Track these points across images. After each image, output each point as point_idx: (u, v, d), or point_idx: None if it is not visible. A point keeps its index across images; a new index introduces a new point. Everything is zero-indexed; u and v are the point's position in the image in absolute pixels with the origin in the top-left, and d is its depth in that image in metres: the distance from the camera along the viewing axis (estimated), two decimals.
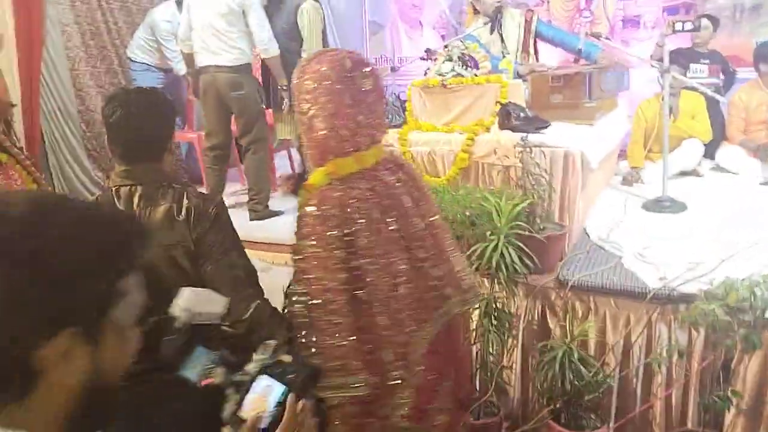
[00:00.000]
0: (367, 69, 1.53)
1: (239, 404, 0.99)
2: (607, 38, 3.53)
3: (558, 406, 2.34)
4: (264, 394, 0.99)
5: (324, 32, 3.93)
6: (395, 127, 3.14)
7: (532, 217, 2.58)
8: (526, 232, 2.46)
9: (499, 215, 2.48)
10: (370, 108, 1.51)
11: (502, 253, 2.41)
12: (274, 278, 2.83)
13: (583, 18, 5.26)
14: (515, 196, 2.55)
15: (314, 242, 1.47)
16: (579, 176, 2.69)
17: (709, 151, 3.88)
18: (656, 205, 3.15)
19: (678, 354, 2.19)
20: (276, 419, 0.96)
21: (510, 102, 2.80)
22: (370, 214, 1.49)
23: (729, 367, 2.19)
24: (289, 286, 1.57)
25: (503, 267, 2.42)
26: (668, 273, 2.39)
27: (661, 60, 3.50)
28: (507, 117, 2.76)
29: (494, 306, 2.44)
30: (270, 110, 4.06)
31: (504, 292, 2.48)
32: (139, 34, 4.75)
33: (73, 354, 0.66)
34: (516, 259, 2.41)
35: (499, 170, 2.76)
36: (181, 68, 4.44)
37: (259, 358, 1.06)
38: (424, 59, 3.24)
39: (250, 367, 1.04)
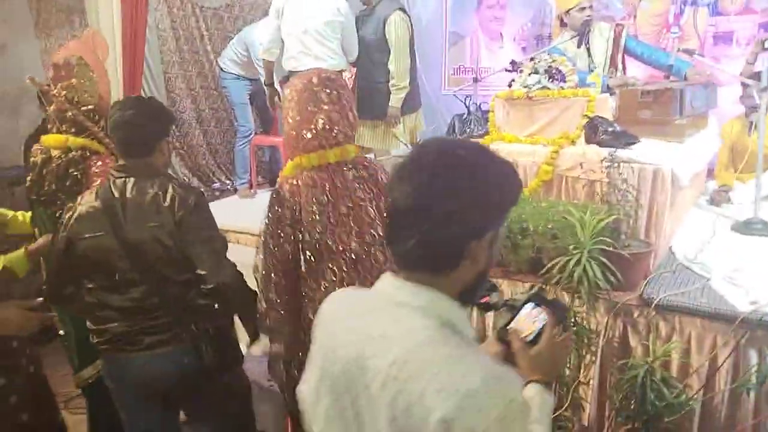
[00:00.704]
0: (330, 84, 1.89)
1: (509, 321, 1.30)
2: (699, 54, 3.44)
3: (636, 425, 2.30)
4: (529, 316, 1.30)
5: (411, 43, 4.02)
6: (477, 137, 3.17)
7: (617, 233, 2.55)
8: (610, 248, 2.43)
9: (582, 229, 2.47)
10: (329, 116, 1.87)
11: (584, 268, 2.40)
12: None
13: (672, 34, 5.12)
14: (600, 210, 2.53)
15: (269, 219, 1.89)
16: (668, 194, 2.64)
17: None
18: (747, 227, 3.04)
19: None
20: (538, 335, 1.25)
21: (597, 116, 2.78)
22: (320, 199, 1.86)
23: None
24: None
25: (585, 282, 2.41)
26: (760, 297, 2.31)
27: (753, 77, 3.39)
28: (594, 131, 2.75)
29: (573, 320, 2.43)
30: None
31: (584, 307, 2.47)
32: (234, 48, 4.93)
33: (482, 250, 1.00)
34: (599, 275, 2.39)
35: (584, 184, 2.75)
36: None
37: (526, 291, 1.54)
38: (509, 71, 3.26)
39: (519, 296, 1.54)
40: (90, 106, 2.54)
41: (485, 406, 0.87)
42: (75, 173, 2.44)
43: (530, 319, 1.30)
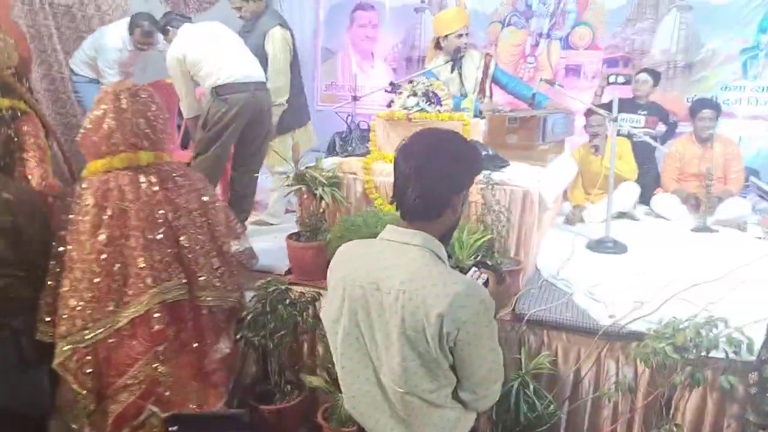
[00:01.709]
0: (121, 95, 2.20)
1: None
2: (560, 85, 3.73)
3: None
4: (474, 274, 2.29)
5: (294, 59, 3.93)
6: (359, 155, 3.18)
7: (491, 251, 2.67)
8: (488, 266, 2.53)
9: (461, 248, 2.55)
10: (107, 132, 2.17)
11: None
12: None
13: (528, 64, 5.53)
14: (476, 230, 2.63)
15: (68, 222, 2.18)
16: (536, 215, 2.82)
17: (644, 198, 4.16)
18: (600, 246, 3.33)
19: (627, 389, 2.31)
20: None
21: (472, 140, 2.90)
22: (104, 196, 2.16)
23: (671, 401, 2.33)
24: None
25: None
26: (616, 311, 2.52)
27: (603, 107, 3.75)
28: None
29: None
30: None
31: None
32: (85, 50, 4.59)
33: (458, 203, 1.50)
34: None
35: None
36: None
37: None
38: (388, 91, 3.31)
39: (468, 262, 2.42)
40: (12, 69, 2.49)
41: (466, 303, 1.37)
42: (8, 131, 2.42)
43: (475, 277, 2.26)
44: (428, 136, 1.49)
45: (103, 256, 2.13)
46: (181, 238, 2.26)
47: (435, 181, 1.42)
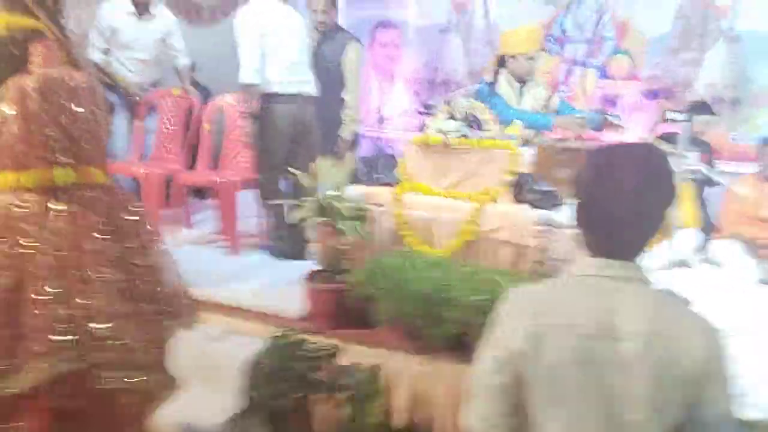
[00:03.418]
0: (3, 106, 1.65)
1: None
2: (615, 116, 3.34)
3: None
4: None
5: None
6: (387, 184, 2.78)
7: None
8: None
9: None
10: (9, 140, 1.64)
11: None
12: (233, 350, 2.34)
13: (560, 93, 5.16)
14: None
15: None
16: None
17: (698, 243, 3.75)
18: None
19: None
20: None
21: (525, 172, 2.51)
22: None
23: None
24: None
25: None
26: None
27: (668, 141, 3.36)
28: (520, 189, 2.46)
29: None
30: None
31: None
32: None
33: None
34: None
35: (507, 249, 2.43)
36: None
37: None
38: (422, 113, 2.92)
39: None
40: None
41: (718, 335, 1.18)
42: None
43: None
44: (629, 151, 1.25)
45: None
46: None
47: (654, 204, 1.19)
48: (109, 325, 1.67)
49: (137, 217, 1.86)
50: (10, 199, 1.65)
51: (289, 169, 2.80)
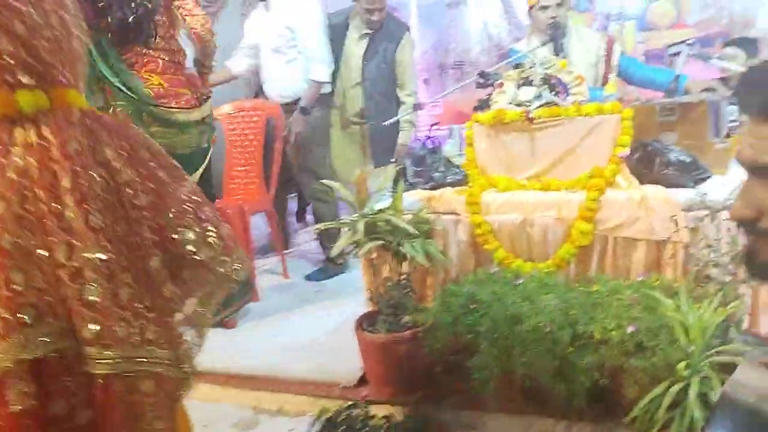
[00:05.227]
0: None
1: None
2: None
3: None
4: None
5: None
6: (450, 185, 2.07)
7: (726, 332, 1.55)
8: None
9: (686, 332, 1.43)
10: None
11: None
12: None
13: None
14: (706, 295, 1.51)
15: None
16: None
17: None
18: None
19: None
20: None
21: (654, 140, 1.81)
22: None
23: None
24: None
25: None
26: None
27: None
28: (649, 162, 1.76)
29: None
30: None
31: None
32: None
33: None
34: None
35: (644, 249, 1.73)
36: None
37: None
38: (480, 85, 2.22)
39: None
40: None
41: None
42: None
43: None
44: None
45: None
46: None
47: None
48: (102, 283, 1.09)
49: (135, 146, 1.22)
50: None
51: (324, 181, 2.09)
